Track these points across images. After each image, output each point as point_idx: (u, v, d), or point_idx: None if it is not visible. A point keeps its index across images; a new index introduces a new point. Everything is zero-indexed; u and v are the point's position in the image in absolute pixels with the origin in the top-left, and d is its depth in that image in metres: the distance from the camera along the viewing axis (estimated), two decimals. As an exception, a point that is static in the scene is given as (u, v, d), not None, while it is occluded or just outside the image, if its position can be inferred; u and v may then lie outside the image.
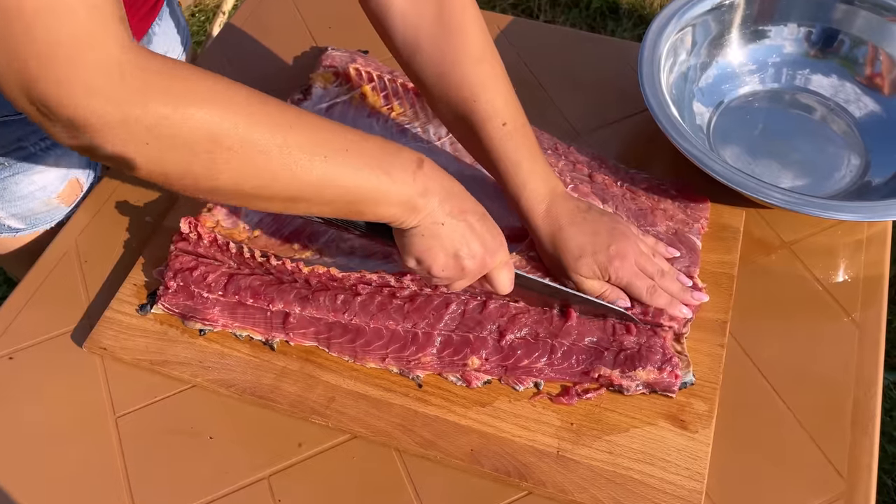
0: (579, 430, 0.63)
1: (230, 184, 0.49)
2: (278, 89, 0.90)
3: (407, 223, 0.57)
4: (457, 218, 0.58)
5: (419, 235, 0.58)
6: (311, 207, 0.54)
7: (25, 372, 0.70)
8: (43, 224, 0.84)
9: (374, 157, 0.53)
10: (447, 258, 0.59)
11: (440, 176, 0.58)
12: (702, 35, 0.87)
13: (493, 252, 0.61)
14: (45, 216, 0.83)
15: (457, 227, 0.58)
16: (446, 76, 0.66)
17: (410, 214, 0.56)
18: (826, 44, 0.88)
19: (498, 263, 0.62)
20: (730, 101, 0.88)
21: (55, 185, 0.81)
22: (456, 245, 0.59)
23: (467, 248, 0.59)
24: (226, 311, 0.69)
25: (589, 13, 2.15)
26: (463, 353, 0.65)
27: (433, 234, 0.58)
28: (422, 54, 0.66)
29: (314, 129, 0.51)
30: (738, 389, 0.66)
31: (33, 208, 0.81)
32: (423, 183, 0.56)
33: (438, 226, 0.57)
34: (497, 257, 0.61)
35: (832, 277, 0.74)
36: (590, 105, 0.88)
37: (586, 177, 0.77)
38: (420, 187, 0.55)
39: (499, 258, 0.61)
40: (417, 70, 0.67)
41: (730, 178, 0.71)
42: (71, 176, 0.83)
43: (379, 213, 0.56)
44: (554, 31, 1.00)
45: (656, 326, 0.66)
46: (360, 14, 0.69)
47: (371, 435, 0.64)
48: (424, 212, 0.56)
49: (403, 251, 0.60)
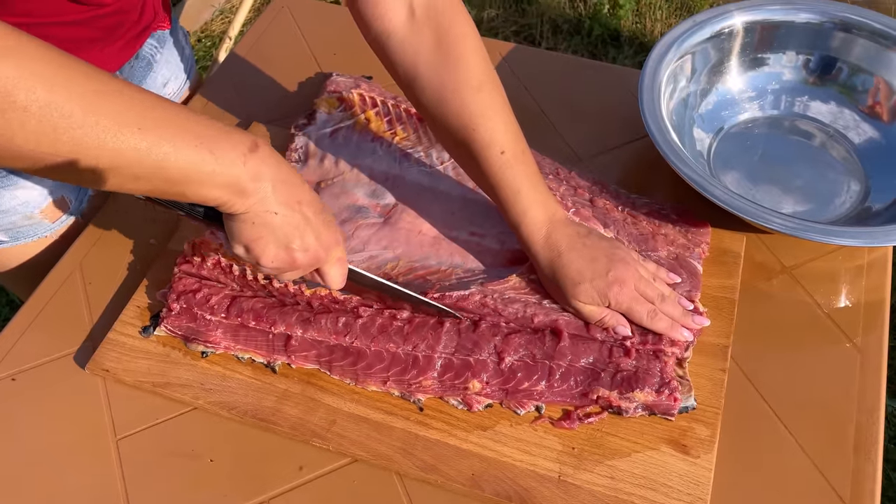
0: (581, 455, 0.63)
1: (27, 147, 0.46)
2: (284, 113, 0.92)
3: (235, 208, 0.55)
4: (292, 208, 0.56)
5: (249, 223, 0.56)
6: (125, 183, 0.51)
7: (27, 393, 0.70)
8: (25, 238, 0.83)
9: (198, 135, 0.51)
10: (278, 249, 0.57)
11: (276, 162, 0.55)
12: (701, 62, 0.88)
13: (328, 247, 0.60)
14: (26, 230, 0.82)
15: (291, 218, 0.56)
16: (445, 104, 0.66)
17: (238, 199, 0.54)
18: (824, 71, 0.89)
19: (332, 258, 0.61)
20: (730, 128, 0.89)
21: (38, 200, 0.81)
22: (289, 236, 0.57)
23: (300, 240, 0.58)
24: (228, 333, 0.69)
25: (590, 40, 2.17)
26: (464, 377, 0.65)
27: (264, 223, 0.56)
28: (421, 81, 0.66)
29: (128, 97, 0.48)
30: (739, 414, 0.66)
31: (14, 222, 0.81)
32: (256, 167, 0.54)
33: (271, 214, 0.56)
34: (332, 252, 0.60)
35: (833, 302, 0.74)
36: (591, 131, 0.89)
37: (587, 201, 0.77)
38: (252, 171, 0.53)
39: (333, 253, 0.61)
40: (418, 96, 0.68)
41: (730, 203, 0.72)
42: (58, 194, 0.82)
43: (202, 195, 0.53)
44: (555, 58, 1.01)
45: (657, 351, 0.66)
46: (364, 41, 0.70)
47: (372, 458, 0.64)
48: (255, 197, 0.54)
49: (231, 237, 0.58)
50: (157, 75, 0.90)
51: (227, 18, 2.33)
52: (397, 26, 0.66)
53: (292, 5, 1.07)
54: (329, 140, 0.85)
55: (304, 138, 0.85)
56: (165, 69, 0.91)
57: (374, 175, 0.82)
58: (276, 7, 1.07)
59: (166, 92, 0.92)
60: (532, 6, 2.27)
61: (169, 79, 0.92)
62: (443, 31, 0.65)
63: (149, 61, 0.88)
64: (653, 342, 0.66)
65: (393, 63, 0.68)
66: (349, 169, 0.83)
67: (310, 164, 0.84)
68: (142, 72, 0.87)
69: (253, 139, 0.55)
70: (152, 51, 0.88)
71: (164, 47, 0.90)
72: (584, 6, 2.26)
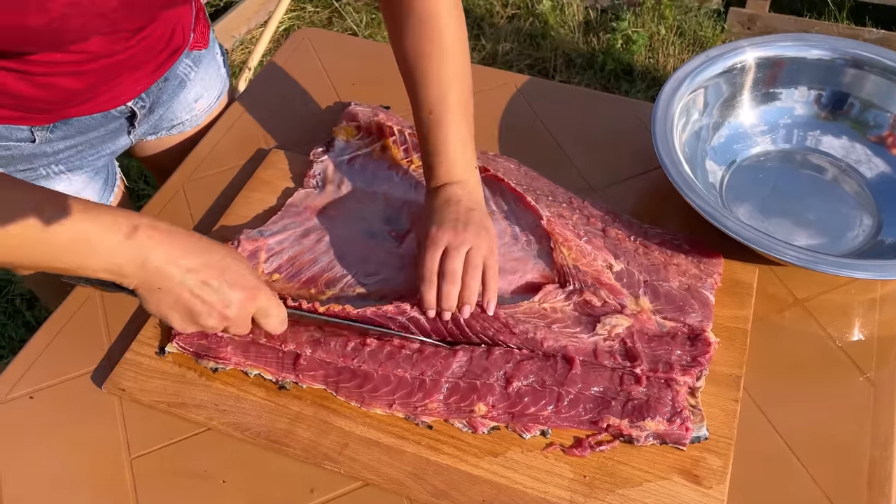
0: (592, 483, 0.63)
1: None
2: (303, 141, 0.94)
3: (126, 283, 0.60)
4: (178, 280, 0.60)
5: (142, 297, 0.62)
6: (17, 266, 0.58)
7: (44, 411, 0.71)
8: None
9: (79, 227, 0.57)
10: (182, 316, 0.62)
11: (157, 241, 0.60)
12: (714, 96, 0.89)
13: (234, 304, 0.62)
14: None
15: (179, 290, 0.60)
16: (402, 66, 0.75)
17: (121, 279, 0.59)
18: (836, 106, 0.90)
19: (256, 310, 0.64)
20: (742, 161, 0.90)
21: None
22: (185, 305, 0.61)
23: (197, 307, 0.61)
24: (239, 349, 0.70)
25: (603, 74, 2.20)
26: (470, 400, 0.66)
27: (156, 299, 0.61)
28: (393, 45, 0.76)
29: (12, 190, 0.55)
30: (752, 445, 0.66)
31: None
32: (133, 250, 0.58)
33: (156, 291, 0.60)
34: (240, 309, 0.63)
35: (846, 335, 0.74)
36: (604, 162, 0.90)
37: (600, 231, 0.78)
38: (128, 254, 0.58)
39: (245, 309, 0.63)
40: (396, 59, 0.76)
41: (743, 235, 0.72)
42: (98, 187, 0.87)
43: (87, 275, 0.59)
44: (569, 90, 1.03)
45: (669, 380, 0.66)
46: (382, 72, 0.72)
47: (383, 482, 0.64)
48: (136, 277, 0.59)
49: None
50: (190, 92, 0.94)
51: (247, 49, 2.38)
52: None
53: (312, 37, 1.09)
54: (347, 167, 0.87)
55: (323, 165, 0.87)
56: (199, 86, 0.95)
57: (389, 201, 0.83)
58: (297, 38, 1.09)
59: (197, 107, 0.97)
60: (546, 40, 2.31)
61: (202, 94, 0.96)
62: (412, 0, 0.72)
63: (182, 80, 0.91)
64: (664, 370, 0.66)
65: (385, 23, 0.77)
66: (365, 195, 0.84)
67: (327, 189, 0.85)
68: (173, 90, 0.90)
69: (133, 224, 0.59)
70: (186, 70, 0.92)
71: (200, 66, 0.94)
72: (597, 41, 2.29)
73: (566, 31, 2.33)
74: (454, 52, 0.74)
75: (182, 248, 0.61)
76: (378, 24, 2.43)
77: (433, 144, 0.73)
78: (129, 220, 0.59)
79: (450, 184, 0.73)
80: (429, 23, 0.72)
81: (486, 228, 0.71)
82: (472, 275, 0.68)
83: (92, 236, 0.57)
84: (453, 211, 0.71)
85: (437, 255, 0.69)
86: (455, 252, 0.68)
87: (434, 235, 0.69)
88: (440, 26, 0.73)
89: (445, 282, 0.68)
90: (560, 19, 2.36)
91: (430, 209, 0.73)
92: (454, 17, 0.74)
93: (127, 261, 0.58)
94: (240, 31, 2.39)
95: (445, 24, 0.73)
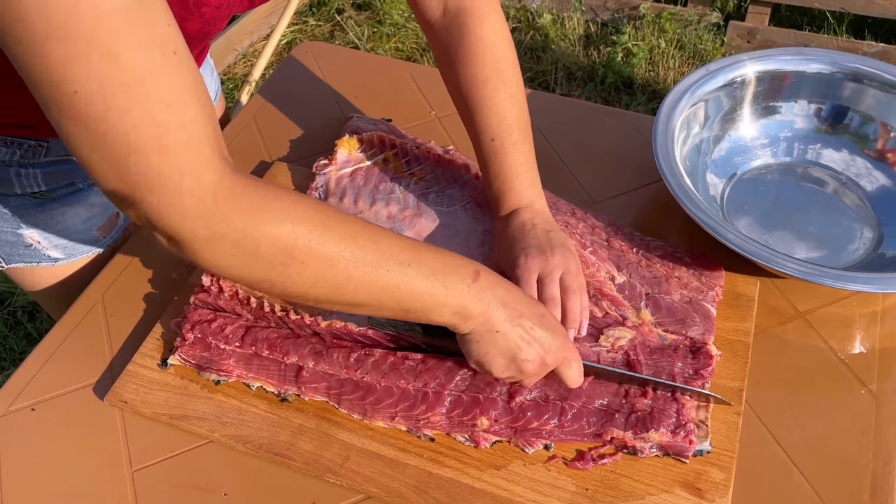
0: (594, 497, 0.63)
1: (302, 290, 0.55)
2: (305, 153, 0.94)
3: (462, 329, 0.61)
4: (513, 323, 0.61)
5: (475, 342, 0.62)
6: (371, 311, 0.59)
7: (46, 423, 0.71)
8: (81, 254, 0.87)
9: (433, 270, 0.58)
10: (506, 362, 0.62)
11: (494, 284, 0.61)
12: (714, 110, 0.90)
13: (555, 350, 0.62)
14: (84, 247, 0.87)
15: (512, 333, 0.61)
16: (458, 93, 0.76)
17: (464, 322, 0.60)
18: (836, 120, 0.91)
19: (559, 360, 0.63)
20: (742, 174, 0.90)
21: (97, 218, 0.86)
22: (513, 350, 0.61)
23: (524, 351, 0.61)
24: (241, 362, 0.70)
25: (604, 87, 2.21)
26: (472, 414, 0.66)
27: (489, 341, 0.61)
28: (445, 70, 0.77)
29: (378, 243, 0.56)
30: (754, 458, 0.66)
31: (75, 240, 0.85)
32: (477, 293, 0.59)
33: (493, 333, 0.61)
34: (558, 355, 0.63)
35: (848, 348, 0.74)
36: (605, 175, 0.91)
37: (604, 241, 0.78)
38: (474, 297, 0.59)
39: (560, 356, 0.63)
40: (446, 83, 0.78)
41: (744, 248, 0.73)
42: (111, 210, 0.87)
43: (433, 320, 0.60)
44: (570, 103, 1.04)
45: (675, 392, 0.66)
46: (384, 85, 0.72)
47: (385, 495, 0.64)
48: (478, 320, 0.60)
49: (465, 354, 0.63)
50: None
51: (249, 62, 2.39)
52: (433, 20, 0.76)
53: (315, 50, 1.10)
54: (349, 179, 0.87)
55: (325, 177, 0.87)
56: None
57: (392, 213, 0.83)
58: (299, 51, 1.10)
59: None
60: (546, 54, 2.32)
61: None
62: (467, 28, 0.74)
63: None
64: (669, 378, 0.66)
65: (433, 50, 0.78)
66: (368, 207, 0.84)
67: (330, 202, 0.85)
68: None
69: (475, 268, 0.61)
70: None
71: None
72: (597, 54, 2.30)
73: (566, 44, 2.34)
74: (511, 77, 0.74)
75: (511, 294, 0.62)
76: (379, 38, 2.45)
77: (499, 170, 0.74)
78: (470, 264, 0.61)
79: (521, 209, 0.74)
80: (485, 50, 0.73)
81: (569, 248, 0.71)
82: (572, 299, 0.69)
83: (446, 280, 0.58)
84: (533, 236, 0.71)
85: (533, 283, 0.69)
86: (549, 279, 0.69)
87: (525, 265, 0.69)
88: (497, 54, 0.74)
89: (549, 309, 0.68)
90: (560, 33, 2.37)
91: (509, 238, 0.73)
92: (508, 44, 0.75)
93: (474, 303, 0.59)
94: (242, 44, 2.40)
95: (502, 51, 0.74)
